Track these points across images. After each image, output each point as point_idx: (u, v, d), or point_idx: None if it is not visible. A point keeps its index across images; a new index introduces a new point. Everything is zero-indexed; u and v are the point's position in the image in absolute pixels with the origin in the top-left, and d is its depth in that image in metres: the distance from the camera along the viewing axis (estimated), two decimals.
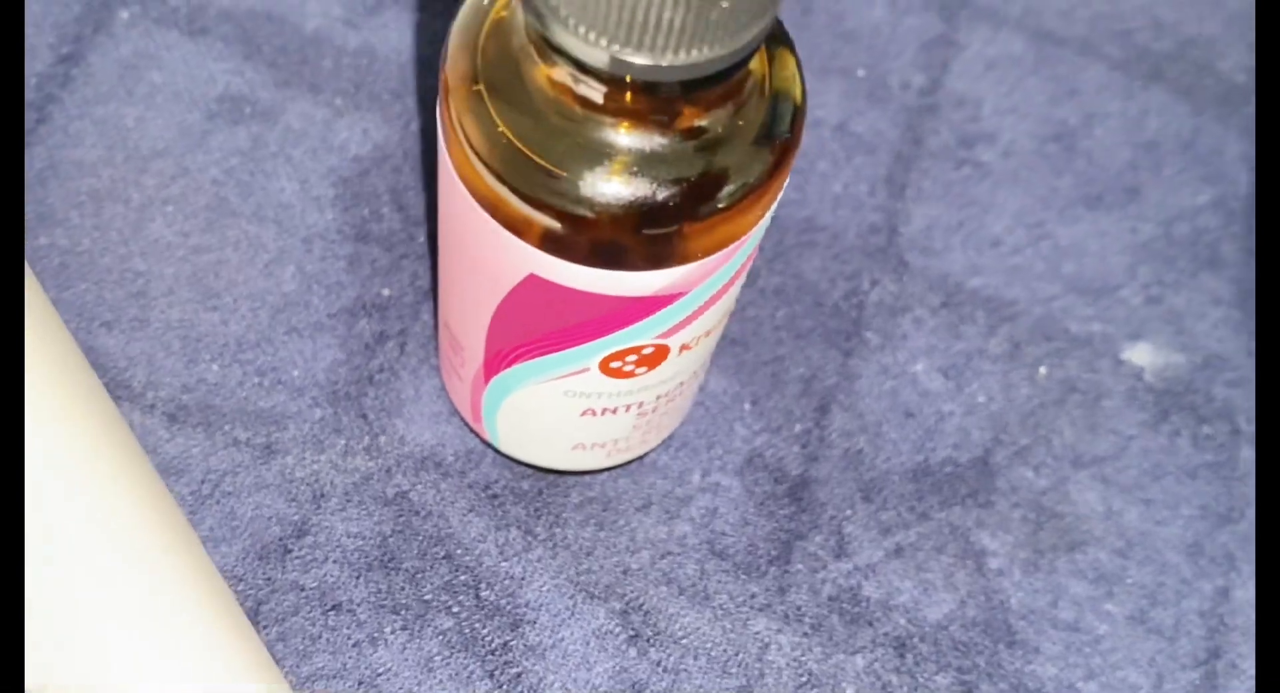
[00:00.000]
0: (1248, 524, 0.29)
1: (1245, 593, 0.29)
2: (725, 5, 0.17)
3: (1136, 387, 0.31)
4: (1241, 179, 0.34)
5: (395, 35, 0.32)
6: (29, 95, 0.30)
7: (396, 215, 0.30)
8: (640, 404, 0.25)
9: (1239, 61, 0.35)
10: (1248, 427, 0.30)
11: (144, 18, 0.31)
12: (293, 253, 0.29)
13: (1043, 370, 0.30)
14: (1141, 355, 0.31)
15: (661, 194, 0.20)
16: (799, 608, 0.27)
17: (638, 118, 0.19)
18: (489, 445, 0.28)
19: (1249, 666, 0.28)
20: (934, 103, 0.33)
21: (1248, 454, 0.30)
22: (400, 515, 0.27)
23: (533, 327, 0.23)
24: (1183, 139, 0.34)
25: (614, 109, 0.19)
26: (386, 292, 0.29)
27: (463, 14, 0.21)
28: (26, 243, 0.29)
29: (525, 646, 0.26)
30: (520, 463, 0.28)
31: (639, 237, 0.20)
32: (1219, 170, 0.34)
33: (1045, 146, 0.33)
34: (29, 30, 0.31)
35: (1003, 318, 0.31)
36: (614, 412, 0.25)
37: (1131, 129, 0.34)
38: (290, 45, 0.31)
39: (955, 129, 0.33)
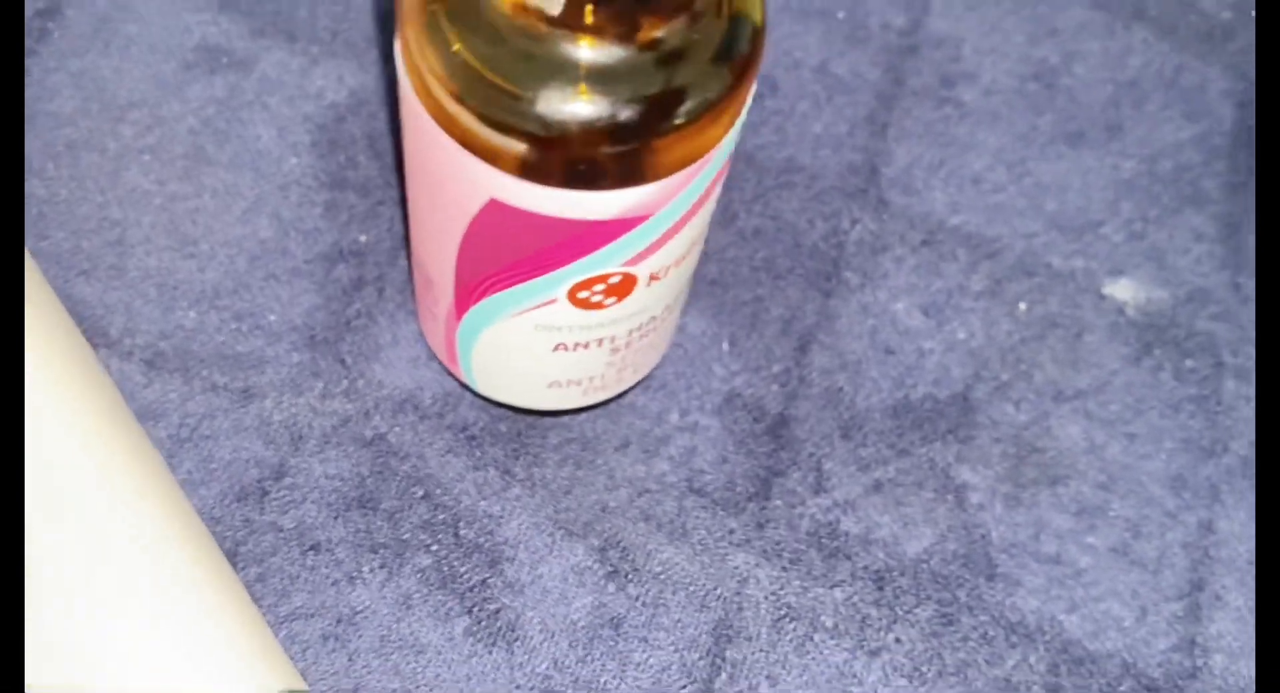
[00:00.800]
0: (1232, 457, 0.29)
1: (1230, 525, 0.29)
2: None
3: (1119, 322, 0.30)
4: (1225, 115, 0.33)
5: None
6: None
7: (373, 162, 0.30)
8: (612, 338, 0.25)
9: None
10: (1231, 359, 0.30)
11: None
12: (269, 200, 0.29)
13: (1023, 306, 0.30)
14: (1123, 291, 0.31)
15: (619, 111, 0.20)
16: (777, 543, 0.27)
17: (593, 31, 0.19)
18: (467, 389, 0.28)
19: (1233, 597, 0.28)
20: (914, 43, 0.33)
21: (1231, 387, 0.30)
22: (378, 457, 0.27)
23: (498, 256, 0.23)
24: (1165, 77, 0.34)
25: (569, 23, 0.19)
26: (364, 238, 0.29)
27: None
28: None
29: (504, 582, 0.26)
30: (498, 405, 0.28)
31: (597, 154, 0.20)
32: (1201, 107, 0.33)
33: (1026, 85, 0.33)
34: None
35: (984, 255, 0.31)
36: (585, 346, 0.25)
37: (1113, 67, 0.34)
38: None
39: (936, 69, 0.33)
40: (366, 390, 0.28)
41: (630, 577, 0.27)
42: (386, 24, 0.32)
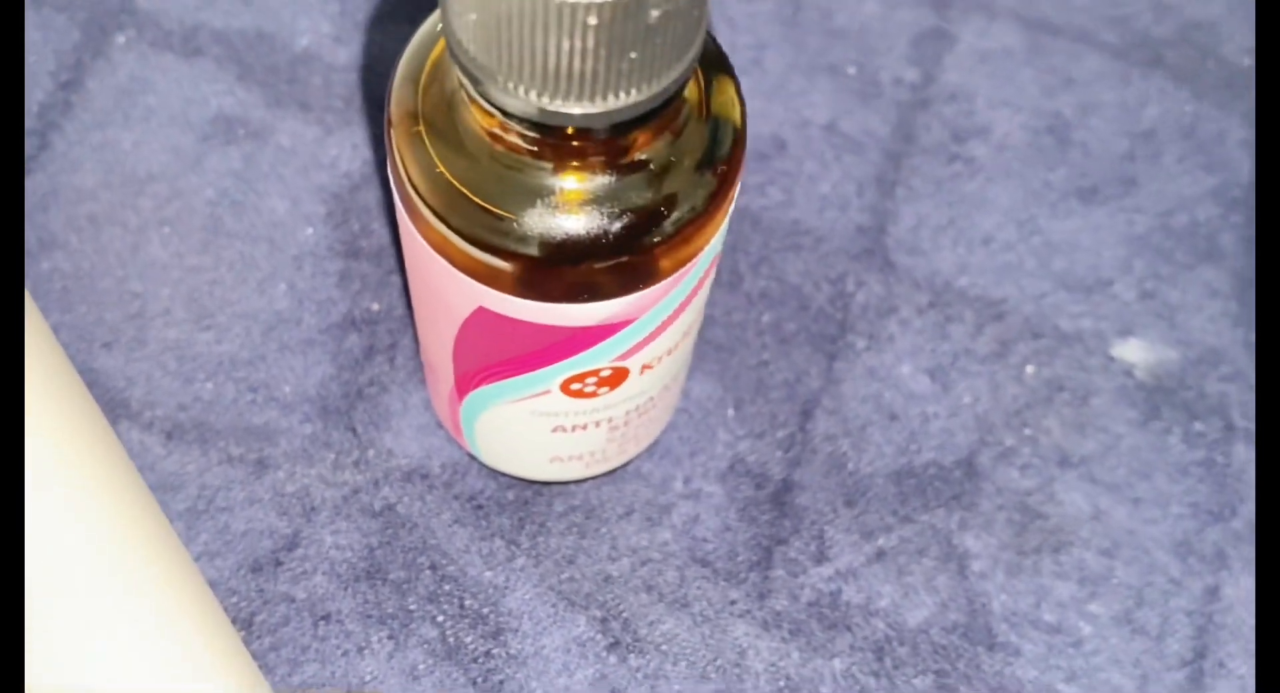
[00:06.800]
0: (1240, 521, 0.29)
1: (1235, 591, 0.29)
2: (634, 56, 0.17)
3: (1127, 384, 0.30)
4: (1243, 167, 0.33)
5: (384, 49, 0.33)
6: (31, 123, 0.31)
7: (385, 230, 0.31)
8: (610, 420, 0.26)
9: (1242, 44, 0.34)
10: (1242, 422, 0.30)
11: (140, 41, 0.32)
12: (284, 271, 0.30)
13: (1030, 369, 0.30)
14: (1132, 352, 0.31)
15: (602, 231, 0.20)
16: (778, 614, 0.28)
17: (573, 158, 0.20)
18: (474, 457, 0.29)
19: (1237, 664, 0.28)
20: (926, 98, 0.33)
21: (1241, 450, 0.30)
22: (387, 528, 0.28)
23: (490, 353, 0.23)
24: (1182, 127, 0.33)
25: (547, 152, 0.19)
26: (376, 306, 0.30)
27: (414, 41, 0.22)
28: (30, 268, 0.30)
29: (507, 654, 0.27)
30: (504, 474, 0.29)
31: (581, 271, 0.21)
32: (1220, 158, 0.33)
33: (1039, 139, 0.33)
34: (31, 58, 0.32)
35: (991, 317, 0.31)
36: (584, 428, 0.26)
37: (1129, 118, 0.33)
38: (281, 63, 0.32)
39: (947, 124, 0.33)
40: (376, 460, 0.29)
41: (631, 648, 0.27)
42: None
